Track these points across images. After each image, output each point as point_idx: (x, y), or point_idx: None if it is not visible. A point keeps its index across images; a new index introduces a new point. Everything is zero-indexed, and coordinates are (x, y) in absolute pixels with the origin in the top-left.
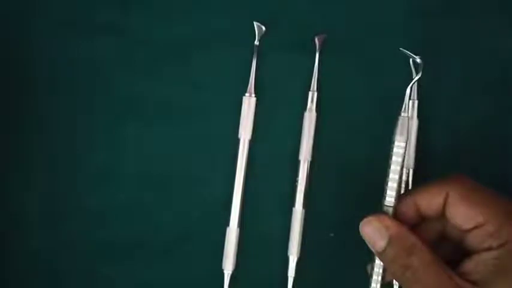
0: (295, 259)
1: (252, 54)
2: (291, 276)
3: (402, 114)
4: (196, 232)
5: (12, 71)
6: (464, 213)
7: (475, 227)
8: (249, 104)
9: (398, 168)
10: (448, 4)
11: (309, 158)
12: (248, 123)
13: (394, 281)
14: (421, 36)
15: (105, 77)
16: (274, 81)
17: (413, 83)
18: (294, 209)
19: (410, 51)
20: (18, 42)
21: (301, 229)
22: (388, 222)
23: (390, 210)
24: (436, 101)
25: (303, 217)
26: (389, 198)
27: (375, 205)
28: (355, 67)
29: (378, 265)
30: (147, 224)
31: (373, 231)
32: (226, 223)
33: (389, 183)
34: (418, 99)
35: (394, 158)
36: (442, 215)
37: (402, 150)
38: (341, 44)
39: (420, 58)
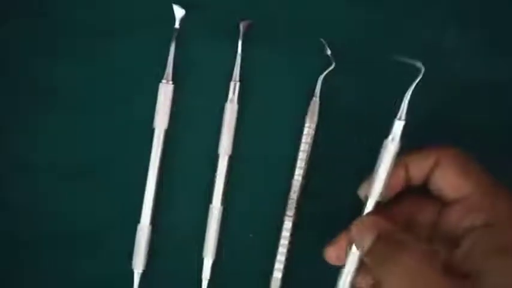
0: (211, 260)
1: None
2: (205, 279)
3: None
4: (107, 228)
5: None
6: (451, 182)
7: (459, 199)
8: (165, 91)
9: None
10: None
11: (229, 152)
12: (164, 112)
13: None
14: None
15: (24, 63)
16: (196, 68)
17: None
18: (211, 206)
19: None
20: None
21: (219, 228)
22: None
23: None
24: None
25: (220, 215)
26: (297, 176)
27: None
28: (280, 56)
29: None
30: (58, 218)
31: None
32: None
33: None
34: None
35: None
36: (427, 181)
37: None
38: (268, 32)
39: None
